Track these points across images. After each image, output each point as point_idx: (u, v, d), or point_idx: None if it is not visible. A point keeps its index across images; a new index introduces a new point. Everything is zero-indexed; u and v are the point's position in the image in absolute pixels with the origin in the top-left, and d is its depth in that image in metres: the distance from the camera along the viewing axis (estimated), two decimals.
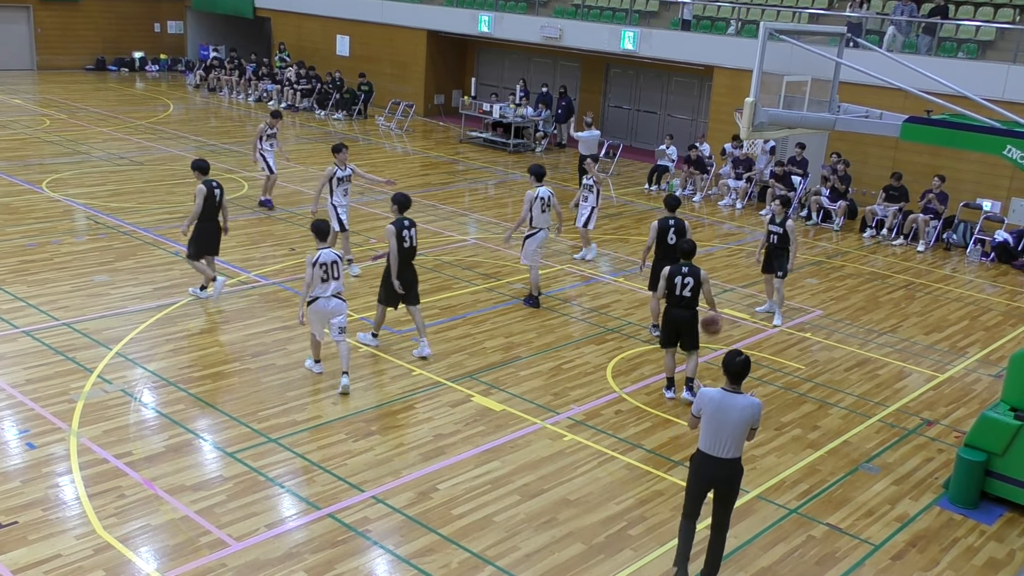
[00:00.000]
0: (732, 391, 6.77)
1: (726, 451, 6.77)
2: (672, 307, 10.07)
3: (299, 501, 7.94)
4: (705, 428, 6.82)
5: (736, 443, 6.77)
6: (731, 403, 6.71)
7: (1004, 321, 13.98)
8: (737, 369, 6.72)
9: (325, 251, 9.92)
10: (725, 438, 6.74)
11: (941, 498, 8.77)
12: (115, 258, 13.75)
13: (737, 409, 6.70)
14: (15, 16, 33.72)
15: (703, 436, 6.84)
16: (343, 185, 13.47)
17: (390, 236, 10.58)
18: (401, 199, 10.84)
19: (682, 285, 9.95)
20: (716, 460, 6.81)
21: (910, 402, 10.89)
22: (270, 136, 17.04)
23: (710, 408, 6.76)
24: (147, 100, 29.67)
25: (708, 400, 6.78)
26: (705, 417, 6.80)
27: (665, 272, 10.06)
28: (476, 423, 9.52)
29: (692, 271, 9.96)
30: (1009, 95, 17.41)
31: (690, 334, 10.13)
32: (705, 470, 6.88)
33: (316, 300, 9.86)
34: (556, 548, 7.53)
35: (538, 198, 12.69)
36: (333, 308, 9.92)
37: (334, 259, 9.91)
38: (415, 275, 10.93)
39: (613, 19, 25.26)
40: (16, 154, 20.40)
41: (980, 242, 17.80)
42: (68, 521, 7.40)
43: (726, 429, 6.72)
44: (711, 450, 6.80)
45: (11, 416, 9.01)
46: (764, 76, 10.04)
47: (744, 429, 6.76)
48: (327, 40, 32.09)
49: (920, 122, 9.34)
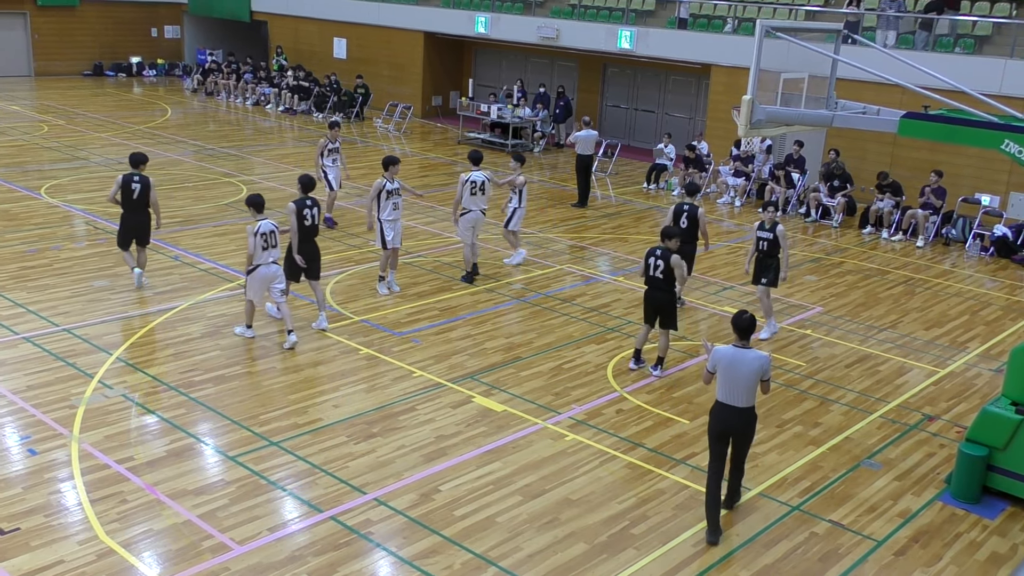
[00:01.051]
0: (742, 347, 7.60)
1: (740, 401, 7.57)
2: (648, 287, 10.65)
3: (301, 504, 7.94)
4: (720, 381, 7.64)
5: (749, 393, 7.56)
6: (742, 357, 7.52)
7: (1004, 315, 13.98)
8: (745, 326, 7.59)
9: (264, 222, 10.88)
10: (739, 389, 7.54)
11: (943, 493, 8.77)
12: (115, 263, 13.74)
13: (747, 362, 7.50)
14: (12, 22, 33.73)
15: (719, 388, 7.66)
16: (392, 199, 12.72)
17: (291, 214, 11.25)
18: (305, 180, 11.71)
19: (654, 266, 10.49)
20: (731, 408, 7.62)
21: (911, 398, 10.89)
22: (332, 151, 16.20)
23: (724, 363, 7.58)
24: (145, 105, 29.68)
25: (721, 356, 7.61)
26: (720, 371, 7.62)
27: (677, 260, 10.46)
28: (477, 424, 9.53)
29: (664, 254, 10.43)
30: (1006, 90, 17.41)
31: (669, 315, 10.67)
32: (722, 417, 7.67)
33: (258, 268, 10.85)
34: (559, 548, 7.53)
35: (469, 181, 13.59)
36: (273, 273, 10.97)
37: (272, 229, 10.94)
38: (317, 251, 11.61)
39: (610, 19, 25.27)
40: (14, 160, 20.40)
41: (979, 237, 17.80)
42: (70, 527, 7.40)
43: (739, 381, 7.52)
44: (727, 400, 7.62)
45: (12, 422, 9.01)
46: (761, 74, 10.04)
47: (755, 380, 7.54)
48: (324, 43, 32.10)
49: (918, 118, 9.34)
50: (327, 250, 15.01)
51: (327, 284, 13.32)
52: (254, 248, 10.75)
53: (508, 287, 13.79)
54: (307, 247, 11.40)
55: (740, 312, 7.74)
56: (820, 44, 11.20)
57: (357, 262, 14.43)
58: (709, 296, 13.94)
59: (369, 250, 15.05)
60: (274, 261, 10.96)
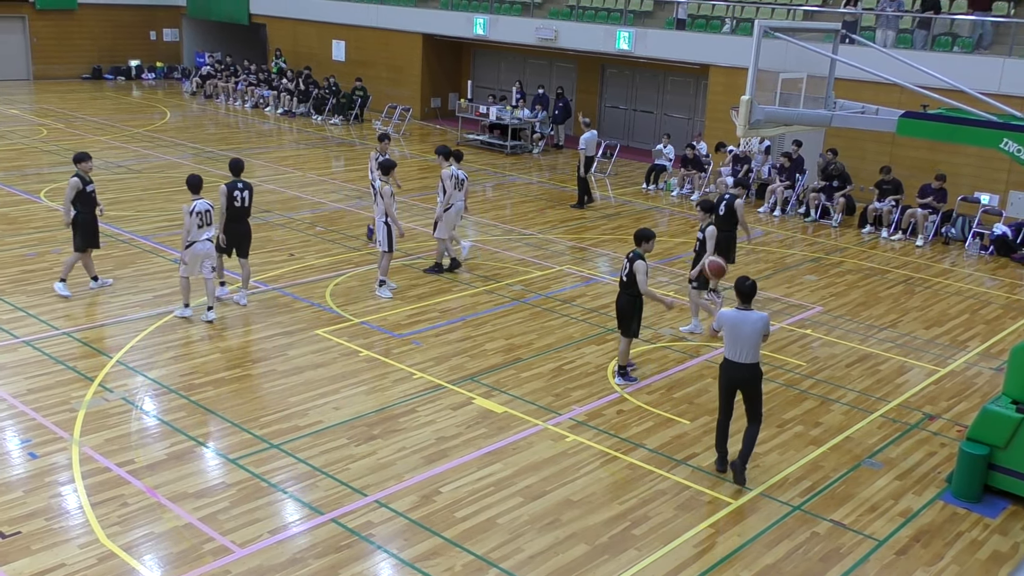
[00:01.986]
0: (744, 309, 8.39)
1: (744, 357, 8.37)
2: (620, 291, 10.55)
3: (302, 506, 7.93)
4: (726, 340, 8.44)
5: (752, 350, 8.35)
6: (744, 318, 8.32)
7: (1004, 314, 13.98)
8: (746, 291, 8.40)
9: (199, 202, 11.60)
10: (742, 347, 8.34)
11: (944, 492, 8.76)
12: (114, 266, 13.74)
13: (750, 323, 8.30)
14: (11, 26, 33.73)
15: (726, 347, 8.45)
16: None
17: (222, 195, 11.96)
18: (234, 163, 12.38)
19: (622, 269, 10.46)
20: (737, 364, 8.41)
21: (912, 397, 10.89)
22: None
23: (728, 324, 8.37)
24: (144, 108, 29.68)
25: (726, 319, 8.41)
26: (725, 332, 8.40)
27: (641, 265, 10.28)
28: (478, 425, 9.52)
29: (633, 257, 10.30)
30: (1005, 89, 17.42)
31: (627, 320, 10.49)
32: (729, 373, 8.48)
33: (194, 244, 11.51)
34: (560, 549, 7.53)
35: (453, 176, 13.97)
36: (208, 251, 11.62)
37: (207, 208, 11.64)
38: (248, 232, 12.36)
39: (608, 19, 25.27)
40: (14, 164, 20.40)
41: (979, 236, 17.80)
42: (71, 530, 7.39)
43: (742, 340, 8.32)
44: (732, 357, 8.42)
45: (13, 426, 9.01)
46: (760, 74, 10.04)
47: (758, 338, 8.33)
48: (323, 45, 32.10)
49: (917, 117, 9.34)
50: (326, 252, 15.04)
51: (327, 286, 13.33)
52: (190, 225, 11.42)
53: (508, 288, 13.80)
54: (237, 227, 12.15)
55: (742, 278, 8.50)
56: (818, 44, 11.21)
57: (356, 264, 14.43)
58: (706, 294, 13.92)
59: (368, 252, 15.05)
60: (208, 239, 11.63)
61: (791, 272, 15.16)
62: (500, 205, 19.35)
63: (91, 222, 12.38)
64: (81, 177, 12.28)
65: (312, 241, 15.66)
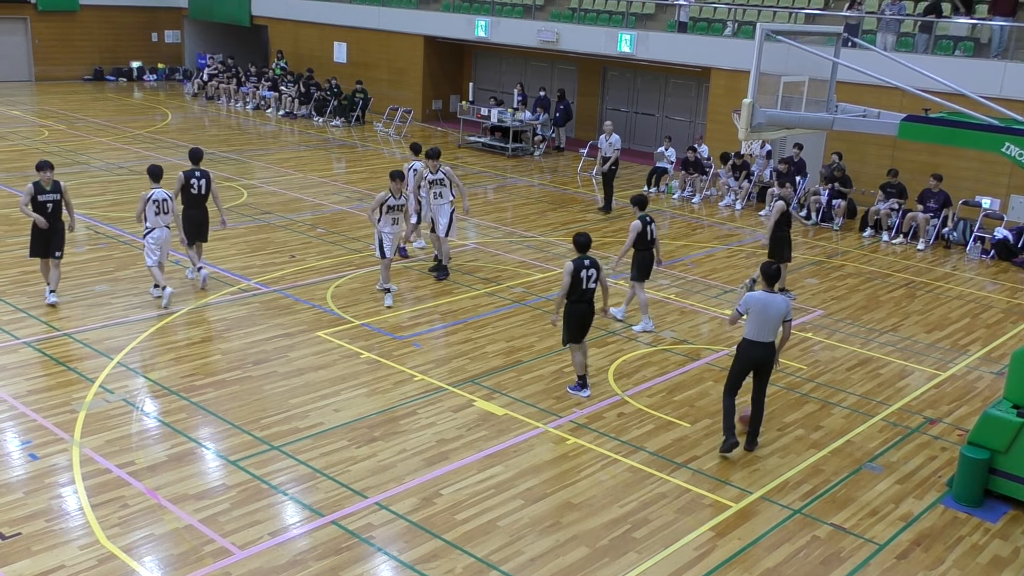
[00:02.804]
0: (770, 292, 8.95)
1: (767, 337, 8.91)
2: (580, 302, 9.99)
3: (302, 508, 7.93)
4: (752, 321, 8.88)
5: (774, 331, 8.93)
6: (771, 301, 8.86)
7: (1005, 318, 13.98)
8: (773, 274, 9.07)
9: (157, 190, 12.21)
10: (768, 327, 8.87)
11: (945, 496, 8.75)
12: (115, 268, 13.75)
13: (775, 305, 8.85)
14: (12, 27, 33.77)
15: (750, 327, 8.90)
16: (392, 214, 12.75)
17: (178, 183, 12.85)
18: (194, 152, 13.37)
19: (587, 278, 9.93)
20: (759, 344, 8.91)
21: (912, 401, 10.88)
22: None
23: (757, 306, 8.85)
24: (145, 110, 29.70)
25: (755, 301, 8.89)
26: (753, 313, 8.86)
27: (570, 267, 9.81)
28: (478, 428, 9.52)
29: (593, 263, 9.97)
30: (1006, 92, 17.42)
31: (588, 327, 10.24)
32: (751, 353, 8.95)
33: (152, 231, 12.14)
34: (560, 552, 7.52)
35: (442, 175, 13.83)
36: (167, 237, 12.32)
37: (164, 197, 12.26)
38: (205, 216, 13.11)
39: (610, 22, 25.29)
40: (15, 165, 20.41)
41: (980, 239, 17.80)
42: (71, 532, 7.39)
43: (769, 321, 8.85)
44: (757, 337, 8.90)
45: (13, 427, 9.01)
46: (761, 77, 10.04)
47: (780, 320, 8.89)
48: (324, 47, 32.13)
49: (918, 121, 9.34)
50: (328, 254, 15.04)
51: (328, 288, 13.33)
52: (142, 211, 12.07)
53: (509, 291, 13.79)
54: (196, 213, 12.94)
55: (768, 262, 9.20)
56: (820, 47, 11.22)
57: (358, 266, 14.43)
58: (710, 299, 13.94)
59: (369, 254, 15.05)
60: (166, 225, 12.28)
61: (792, 275, 15.15)
62: (501, 207, 19.35)
63: (41, 232, 11.95)
64: (37, 185, 11.90)
65: (313, 243, 15.67)
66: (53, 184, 11.99)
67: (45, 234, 11.98)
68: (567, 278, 9.79)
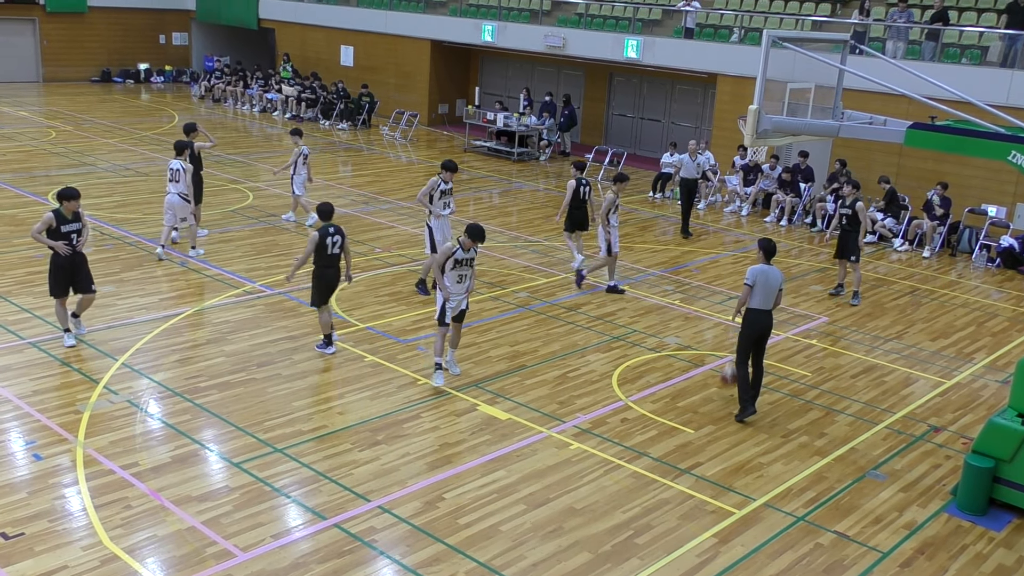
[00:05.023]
0: (768, 264, 9.80)
1: (768, 305, 9.83)
2: (327, 267, 10.95)
3: (305, 511, 7.93)
4: (757, 292, 9.73)
5: (774, 299, 9.85)
6: (771, 271, 9.79)
7: (1011, 327, 13.94)
8: (771, 248, 9.88)
9: (173, 161, 14.06)
10: (770, 295, 9.79)
11: (949, 505, 8.73)
12: (121, 269, 13.78)
13: (775, 275, 9.81)
14: (21, 28, 33.89)
15: (756, 298, 9.75)
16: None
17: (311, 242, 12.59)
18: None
19: (332, 244, 10.83)
20: (765, 312, 9.82)
21: (917, 408, 10.85)
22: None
23: (761, 277, 9.72)
24: (152, 111, 29.78)
25: (760, 272, 9.74)
26: (759, 284, 9.70)
27: (315, 236, 10.73)
28: (482, 432, 9.52)
29: (338, 230, 10.91)
30: (1013, 100, 17.40)
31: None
32: (760, 321, 9.83)
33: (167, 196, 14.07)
34: (563, 557, 7.51)
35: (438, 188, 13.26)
36: (174, 201, 14.06)
37: (178, 167, 14.00)
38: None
39: (616, 28, 25.30)
40: (22, 166, 20.47)
41: (986, 248, 17.76)
42: (75, 532, 7.40)
43: (771, 290, 9.78)
44: (763, 306, 9.79)
45: (18, 427, 9.02)
46: (768, 83, 10.05)
47: (777, 288, 9.81)
48: (331, 50, 32.18)
49: (924, 128, 9.34)
50: None
51: None
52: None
53: (513, 295, 13.79)
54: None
55: (766, 239, 9.98)
56: (827, 54, 11.21)
57: (363, 269, 14.44)
58: (715, 305, 13.93)
59: (374, 257, 15.07)
60: (177, 193, 14.02)
61: (797, 282, 15.14)
62: (506, 212, 19.36)
63: (62, 267, 10.69)
64: (58, 214, 10.64)
65: None
66: (74, 213, 10.76)
67: (67, 269, 10.68)
68: (311, 246, 10.75)
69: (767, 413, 10.39)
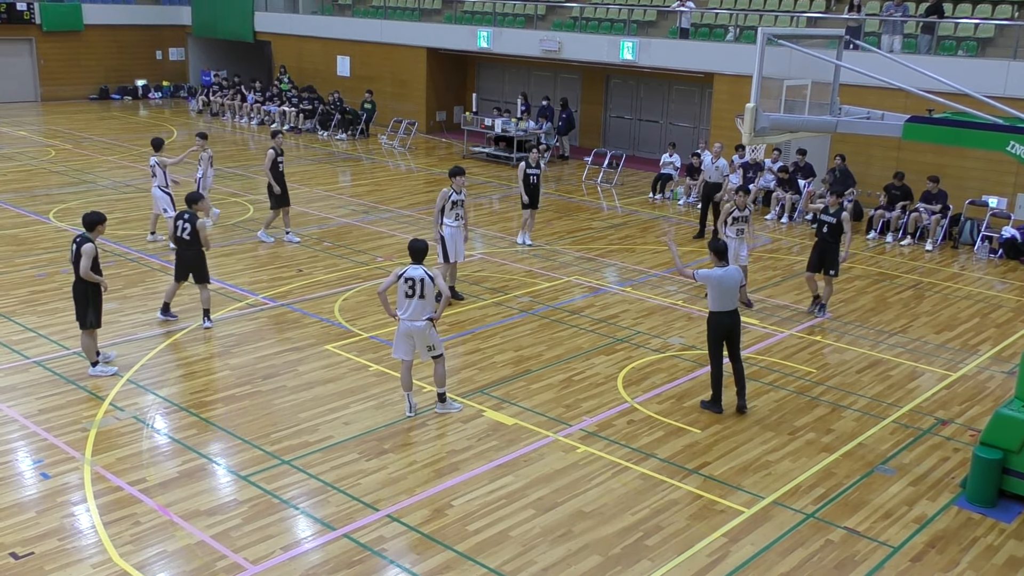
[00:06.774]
0: (723, 266, 9.94)
1: (729, 305, 9.91)
2: (184, 250, 11.92)
3: (314, 522, 7.93)
4: (715, 296, 9.86)
5: (735, 299, 9.98)
6: (727, 274, 9.89)
7: (1015, 317, 13.92)
8: (722, 248, 10.08)
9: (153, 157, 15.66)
10: (730, 297, 9.90)
11: (959, 498, 8.71)
12: (124, 285, 13.79)
13: (731, 276, 9.92)
14: (18, 48, 34.00)
15: (715, 302, 9.89)
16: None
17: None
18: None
19: (181, 228, 11.77)
20: (727, 313, 9.93)
21: (924, 402, 10.84)
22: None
23: (715, 281, 9.80)
24: (151, 127, 29.82)
25: (714, 276, 9.81)
26: (713, 288, 9.84)
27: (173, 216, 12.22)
28: (488, 438, 9.51)
29: (191, 217, 11.80)
30: (1010, 91, 17.38)
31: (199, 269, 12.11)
32: (723, 322, 9.93)
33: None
34: (573, 561, 7.50)
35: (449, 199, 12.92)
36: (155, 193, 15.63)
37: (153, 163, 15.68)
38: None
39: (612, 30, 25.33)
40: (23, 185, 20.52)
41: (988, 239, 17.74)
42: (84, 550, 7.40)
43: (730, 291, 9.88)
44: (723, 308, 9.90)
45: (25, 447, 9.03)
46: (764, 81, 10.05)
47: (737, 288, 9.97)
48: (328, 61, 32.24)
49: (922, 121, 9.32)
50: (334, 267, 15.06)
51: (336, 301, 13.36)
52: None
53: (516, 300, 13.80)
54: None
55: (715, 239, 10.33)
56: (822, 50, 11.22)
57: (364, 279, 14.45)
58: None
59: (376, 266, 15.09)
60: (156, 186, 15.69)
61: (799, 279, 15.12)
62: (507, 217, 19.37)
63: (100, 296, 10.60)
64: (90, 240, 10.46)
65: (320, 256, 15.70)
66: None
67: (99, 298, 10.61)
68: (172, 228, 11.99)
69: (773, 411, 10.38)
